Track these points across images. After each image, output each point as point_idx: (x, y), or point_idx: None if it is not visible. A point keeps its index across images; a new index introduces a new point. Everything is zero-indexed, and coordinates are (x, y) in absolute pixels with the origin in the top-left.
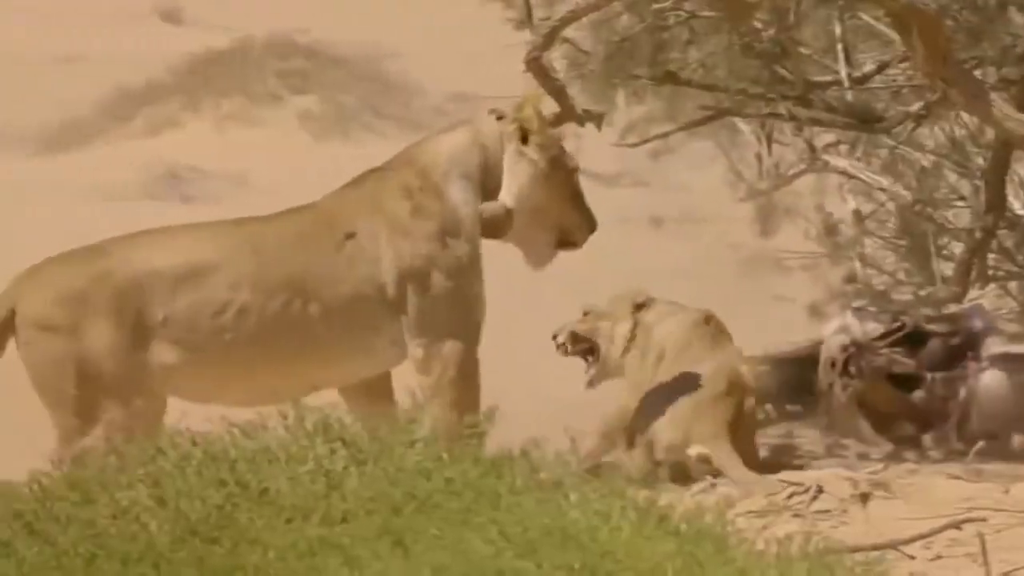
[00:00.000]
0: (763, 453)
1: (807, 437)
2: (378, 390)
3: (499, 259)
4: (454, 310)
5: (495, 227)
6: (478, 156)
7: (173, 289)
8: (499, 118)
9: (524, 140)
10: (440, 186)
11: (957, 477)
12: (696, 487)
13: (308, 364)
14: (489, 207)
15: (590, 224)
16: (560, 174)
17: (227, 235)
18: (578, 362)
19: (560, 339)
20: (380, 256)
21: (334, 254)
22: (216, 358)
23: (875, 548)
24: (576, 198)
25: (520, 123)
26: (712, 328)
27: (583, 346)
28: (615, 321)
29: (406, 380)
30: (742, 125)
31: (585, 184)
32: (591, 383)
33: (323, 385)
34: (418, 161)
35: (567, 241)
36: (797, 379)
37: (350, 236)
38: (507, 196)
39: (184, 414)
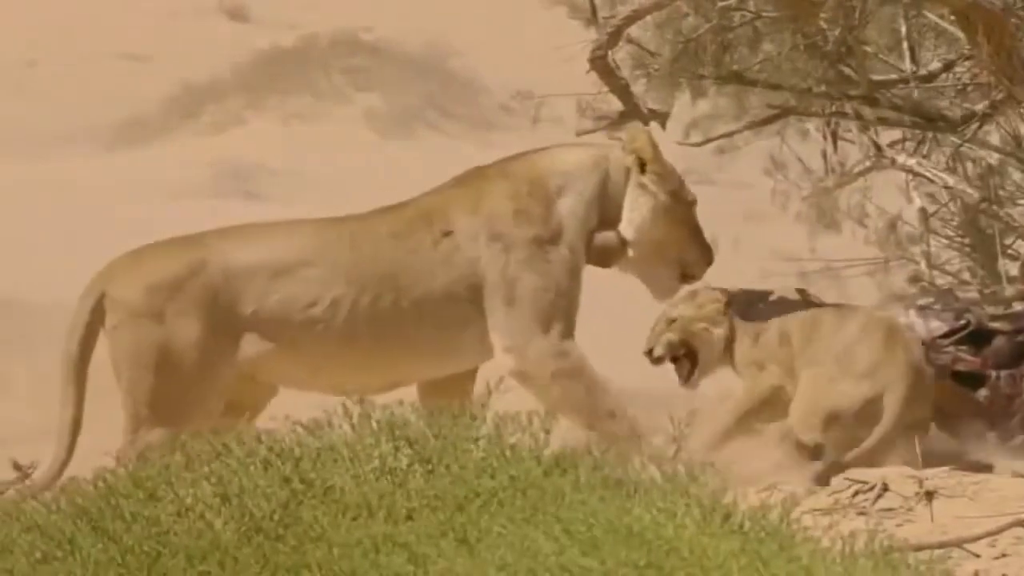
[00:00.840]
0: None
1: None
2: (457, 388)
3: None
4: (536, 311)
5: (607, 256)
6: (598, 179)
7: (267, 282)
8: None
9: (642, 170)
10: (551, 196)
11: (1022, 475)
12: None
13: (395, 359)
14: (603, 235)
15: (708, 257)
16: (680, 208)
17: (323, 231)
18: (638, 358)
19: (658, 352)
20: (476, 256)
21: (430, 251)
22: (307, 350)
23: (940, 546)
24: (695, 231)
25: (635, 153)
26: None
27: (679, 352)
28: (710, 323)
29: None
30: (808, 124)
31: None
32: (691, 385)
33: (407, 381)
34: (534, 168)
35: (687, 274)
36: None
37: (447, 234)
38: (628, 227)
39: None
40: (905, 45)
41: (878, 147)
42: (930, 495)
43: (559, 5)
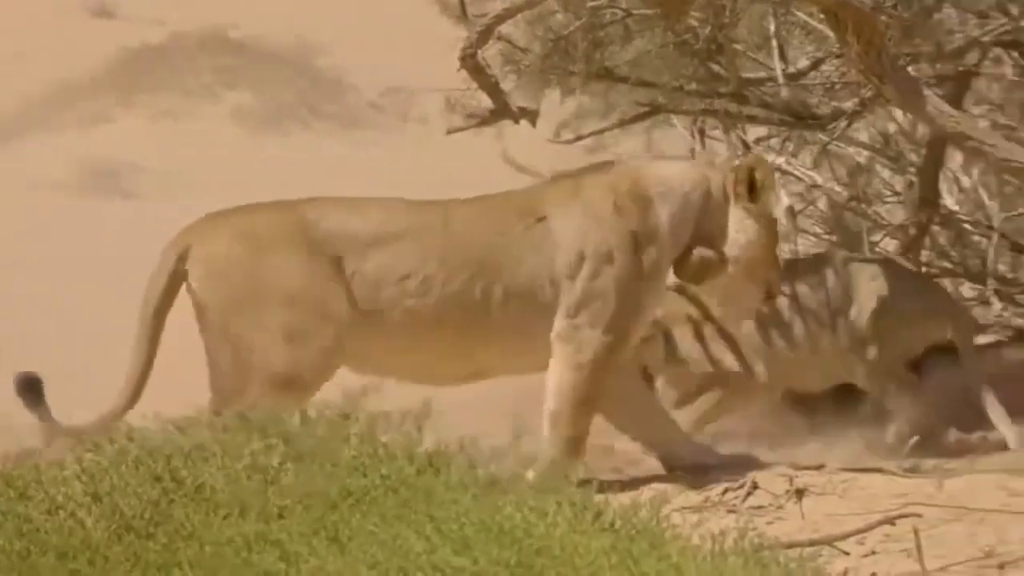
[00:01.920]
0: None
1: None
2: (630, 380)
3: None
4: (613, 306)
5: (704, 271)
6: (700, 195)
7: (364, 248)
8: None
9: (750, 193)
10: (651, 198)
11: (892, 473)
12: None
13: (477, 346)
14: (703, 251)
15: (781, 275)
16: (772, 231)
17: (417, 210)
18: None
19: None
20: (566, 240)
21: (521, 237)
22: (392, 323)
23: (810, 544)
24: (777, 252)
25: (757, 179)
26: None
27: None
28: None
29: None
30: (676, 122)
31: (519, 180)
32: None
33: (486, 373)
34: (636, 173)
35: (771, 293)
36: None
37: (541, 219)
38: (733, 247)
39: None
40: (774, 43)
41: (746, 145)
42: (800, 493)
43: (429, 3)
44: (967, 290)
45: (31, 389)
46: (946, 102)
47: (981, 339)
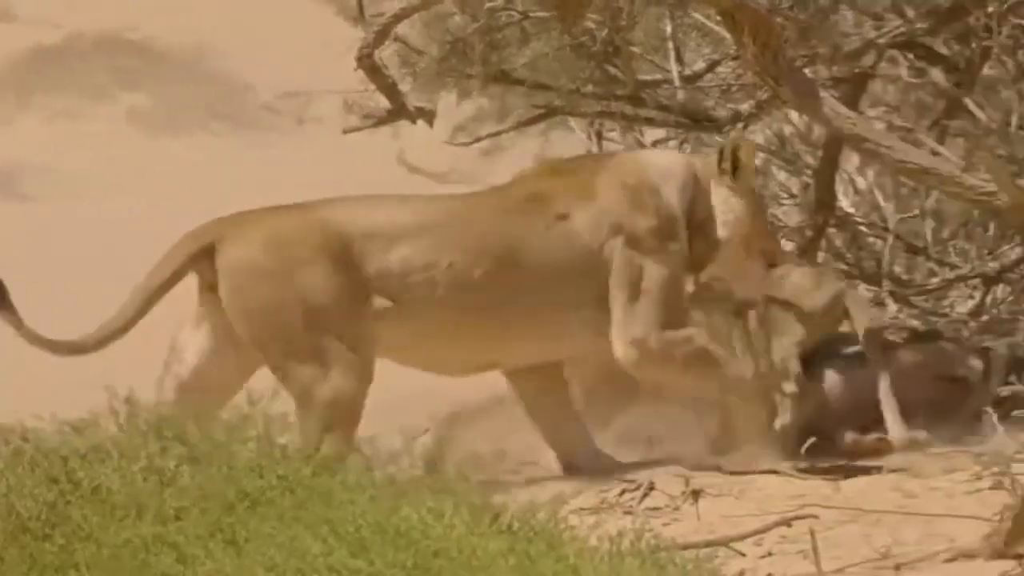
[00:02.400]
0: None
1: None
2: (551, 377)
3: None
4: (658, 303)
5: (700, 260)
6: (692, 179)
7: (387, 244)
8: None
9: (733, 173)
10: (658, 187)
11: (788, 474)
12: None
13: (500, 337)
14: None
15: (780, 247)
16: (759, 204)
17: (436, 204)
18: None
19: None
20: (595, 244)
21: (543, 232)
22: (421, 313)
23: (706, 545)
24: (766, 223)
25: (739, 162)
26: None
27: None
28: None
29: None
30: (573, 124)
31: (416, 181)
32: None
33: (505, 362)
34: (637, 164)
35: (771, 263)
36: None
37: (562, 217)
38: (723, 228)
39: (14, 410)
40: (671, 45)
41: (643, 147)
42: (696, 494)
43: (326, 3)
44: (862, 292)
45: None
46: (842, 104)
47: None
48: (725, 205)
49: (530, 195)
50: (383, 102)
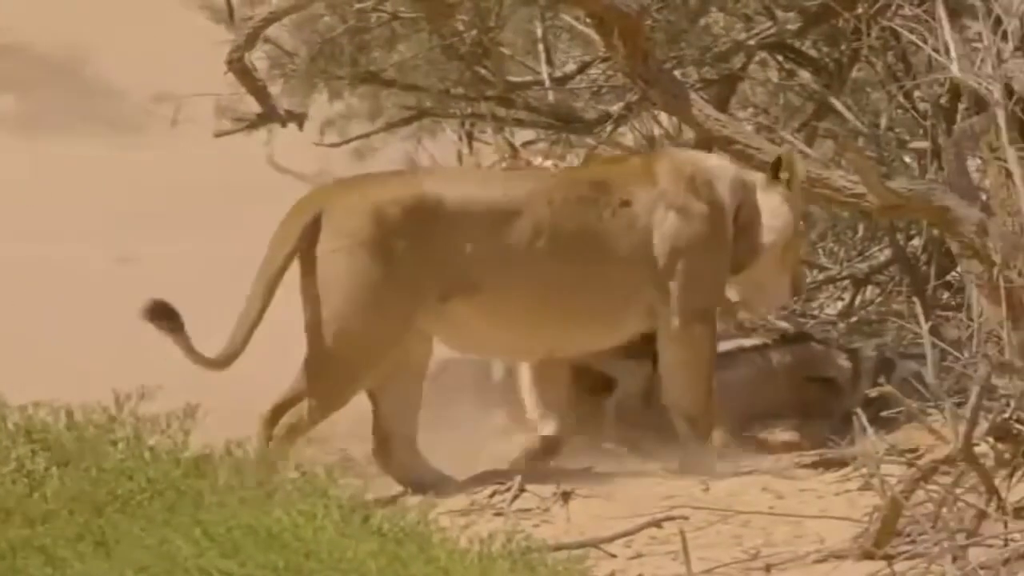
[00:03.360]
0: None
1: None
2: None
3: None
4: (711, 293)
5: (744, 260)
6: (740, 182)
7: (480, 221)
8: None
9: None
10: (712, 180)
11: (658, 475)
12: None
13: (570, 323)
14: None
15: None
16: (801, 223)
17: (529, 182)
18: (284, 362)
19: None
20: (654, 228)
21: (609, 218)
22: (504, 298)
23: (577, 546)
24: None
25: (794, 173)
26: None
27: None
28: None
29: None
30: (444, 125)
31: (287, 183)
32: None
33: (566, 349)
34: (686, 156)
35: (796, 287)
36: None
37: (625, 203)
38: (768, 233)
39: None
40: (541, 47)
41: (513, 148)
42: (566, 495)
43: (197, 8)
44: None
45: (165, 315)
46: (711, 106)
47: (746, 341)
48: (775, 212)
49: (596, 181)
50: (255, 105)
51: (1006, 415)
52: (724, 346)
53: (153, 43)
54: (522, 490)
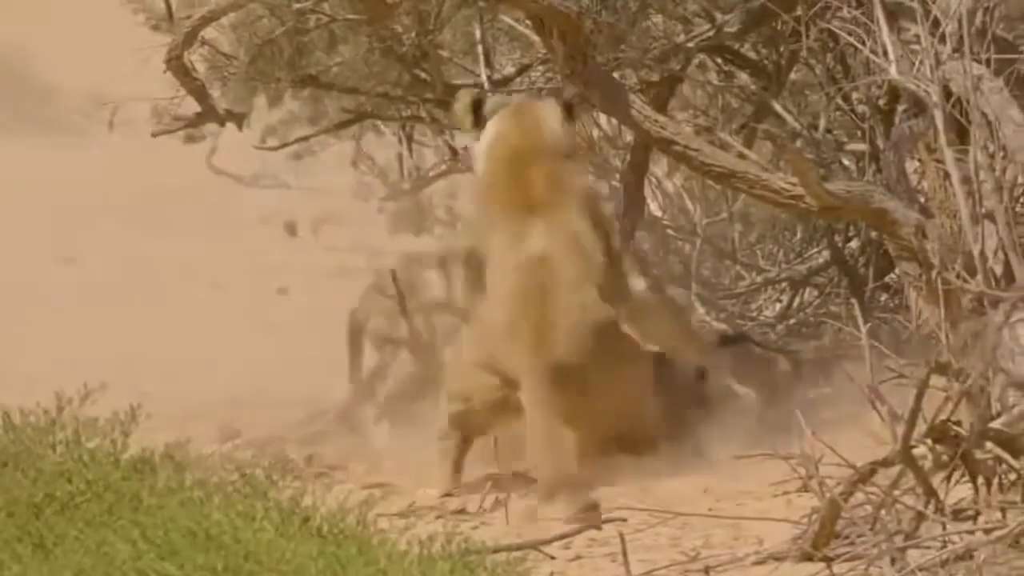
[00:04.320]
0: None
1: None
2: None
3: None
4: None
5: None
6: None
7: None
8: None
9: None
10: None
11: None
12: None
13: None
14: None
15: None
16: None
17: None
18: (231, 362)
19: None
20: None
21: None
22: None
23: (516, 548)
24: None
25: None
26: None
27: None
28: None
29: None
30: (384, 127)
31: (225, 185)
32: None
33: None
34: None
35: None
36: None
37: None
38: None
39: None
40: (480, 49)
41: (453, 150)
42: (504, 498)
43: (135, 9)
44: (673, 294)
45: None
46: (651, 107)
47: None
48: None
49: None
50: (193, 105)
51: (944, 417)
52: None
53: (91, 43)
54: None
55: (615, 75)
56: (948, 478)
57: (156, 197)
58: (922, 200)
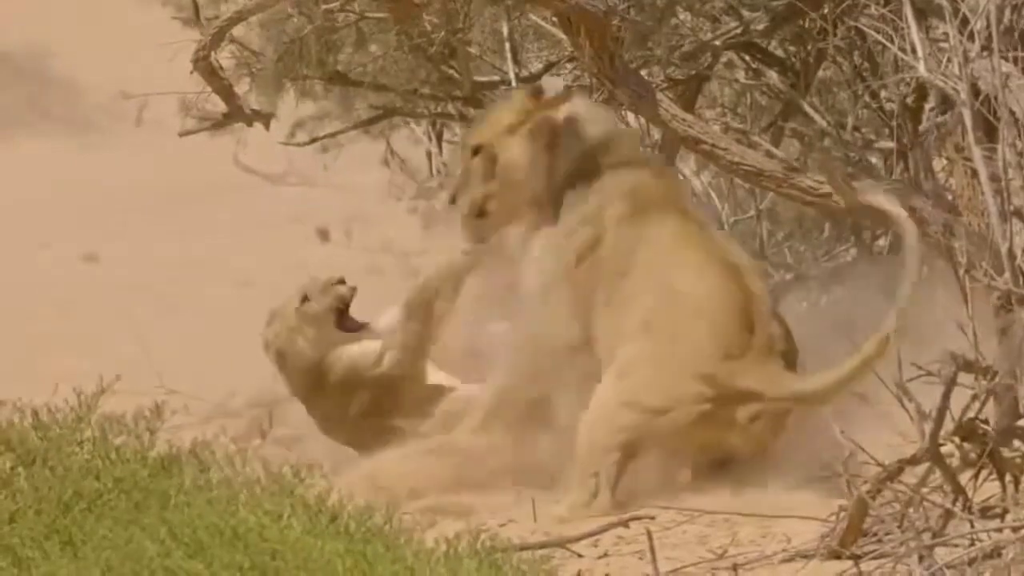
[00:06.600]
0: None
1: None
2: None
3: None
4: None
5: None
6: None
7: None
8: None
9: None
10: None
11: None
12: None
13: None
14: None
15: None
16: None
17: None
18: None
19: None
20: None
21: None
22: None
23: (542, 546)
24: None
25: None
26: None
27: None
28: None
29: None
30: (413, 125)
31: (252, 182)
32: None
33: None
34: None
35: None
36: None
37: None
38: None
39: None
40: (508, 47)
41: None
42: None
43: (163, 6)
44: None
45: None
46: (678, 106)
47: None
48: None
49: None
50: (220, 104)
51: (971, 415)
52: None
53: (117, 41)
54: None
55: (642, 73)
56: (976, 476)
57: (182, 194)
58: (950, 198)
